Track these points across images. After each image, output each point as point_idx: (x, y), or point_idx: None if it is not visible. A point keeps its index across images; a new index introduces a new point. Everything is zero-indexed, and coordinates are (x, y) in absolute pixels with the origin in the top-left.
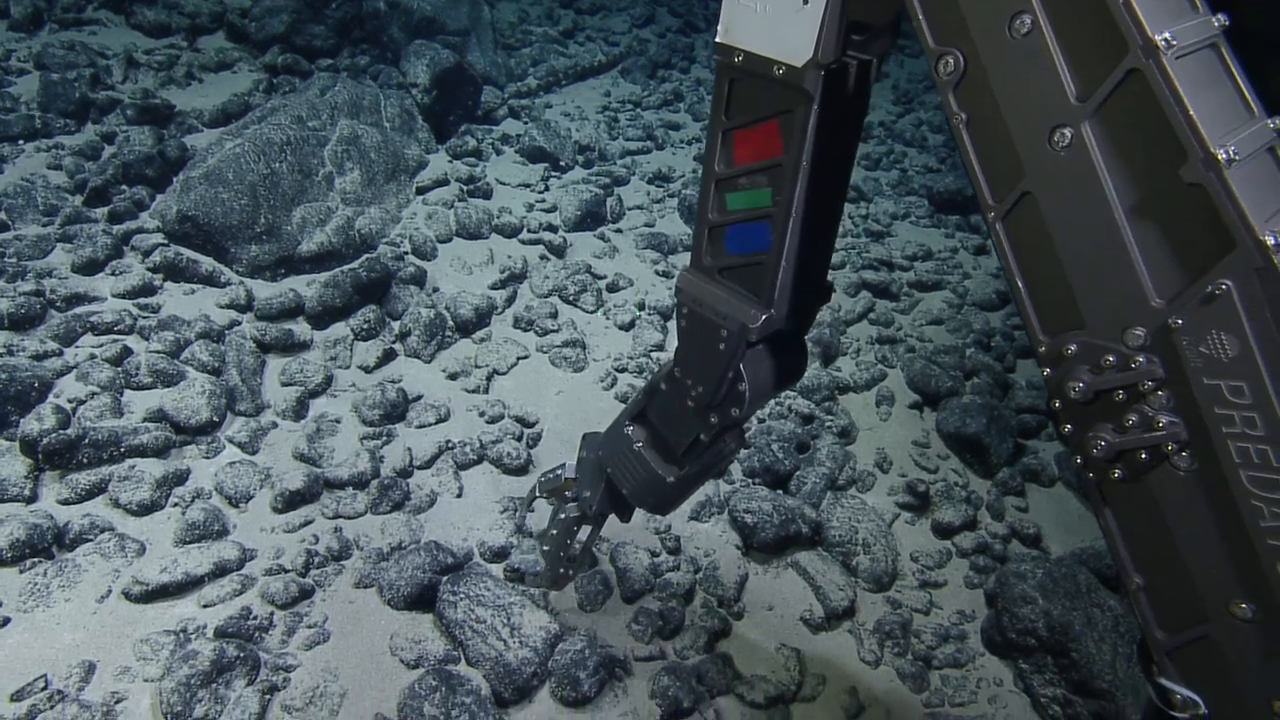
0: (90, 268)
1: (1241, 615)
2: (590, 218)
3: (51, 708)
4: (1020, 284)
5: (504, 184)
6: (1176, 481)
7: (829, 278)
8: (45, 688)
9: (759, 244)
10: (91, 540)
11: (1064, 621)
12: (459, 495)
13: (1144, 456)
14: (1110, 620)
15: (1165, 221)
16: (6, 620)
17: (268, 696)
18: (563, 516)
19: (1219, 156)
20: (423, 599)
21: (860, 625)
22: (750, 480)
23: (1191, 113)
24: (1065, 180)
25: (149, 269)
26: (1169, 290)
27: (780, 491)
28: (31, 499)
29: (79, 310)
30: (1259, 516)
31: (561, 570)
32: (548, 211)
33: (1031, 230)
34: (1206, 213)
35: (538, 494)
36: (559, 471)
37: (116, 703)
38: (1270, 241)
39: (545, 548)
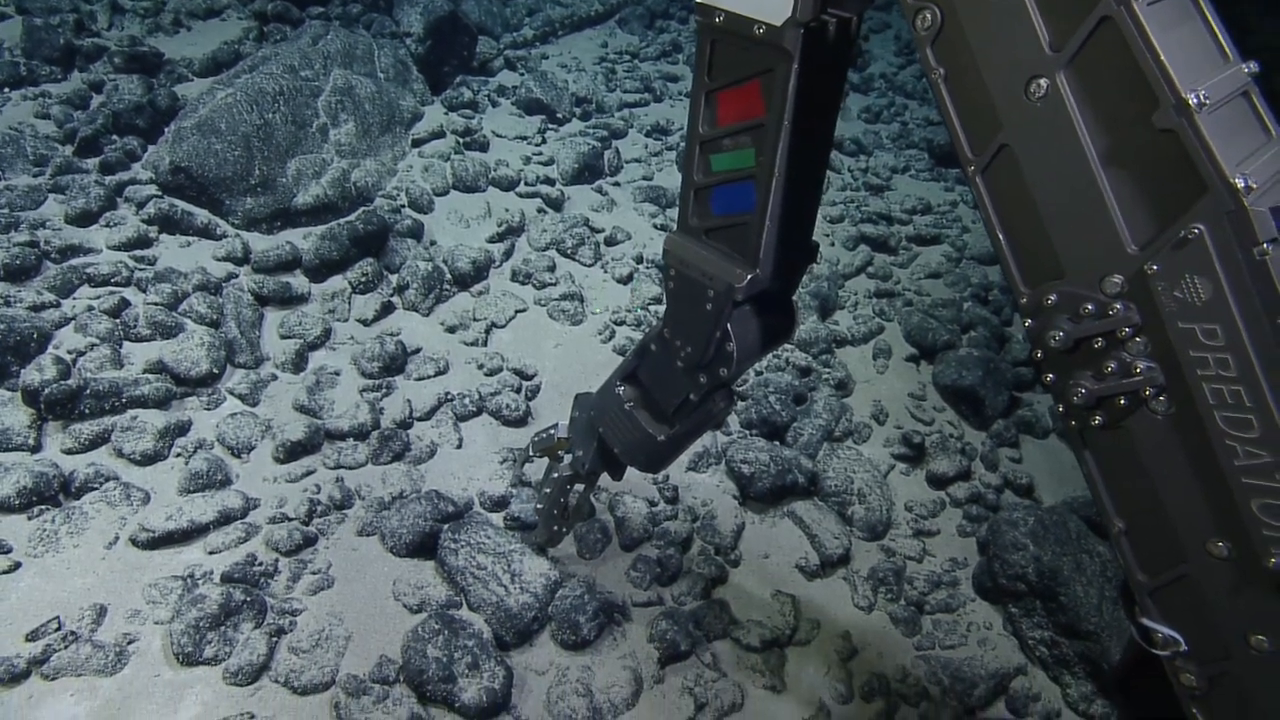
0: (84, 219)
1: (1218, 554)
2: (588, 171)
3: (65, 647)
4: (1001, 236)
5: (500, 136)
6: (1155, 426)
7: (815, 237)
8: (59, 629)
9: (743, 204)
10: (97, 489)
11: (1053, 567)
12: (459, 446)
13: (1123, 402)
14: (1098, 565)
15: (1140, 169)
16: (18, 565)
17: (275, 639)
18: (555, 475)
19: (1190, 101)
20: (424, 546)
21: (854, 572)
22: (747, 431)
23: (1163, 58)
24: (1041, 131)
25: (143, 221)
26: (1144, 237)
27: (777, 443)
28: (36, 448)
29: (75, 262)
30: (1233, 456)
31: (556, 527)
32: (545, 164)
33: (1010, 182)
34: (1179, 158)
35: (531, 454)
36: (552, 431)
37: (129, 644)
38: (1240, 185)
39: (539, 505)
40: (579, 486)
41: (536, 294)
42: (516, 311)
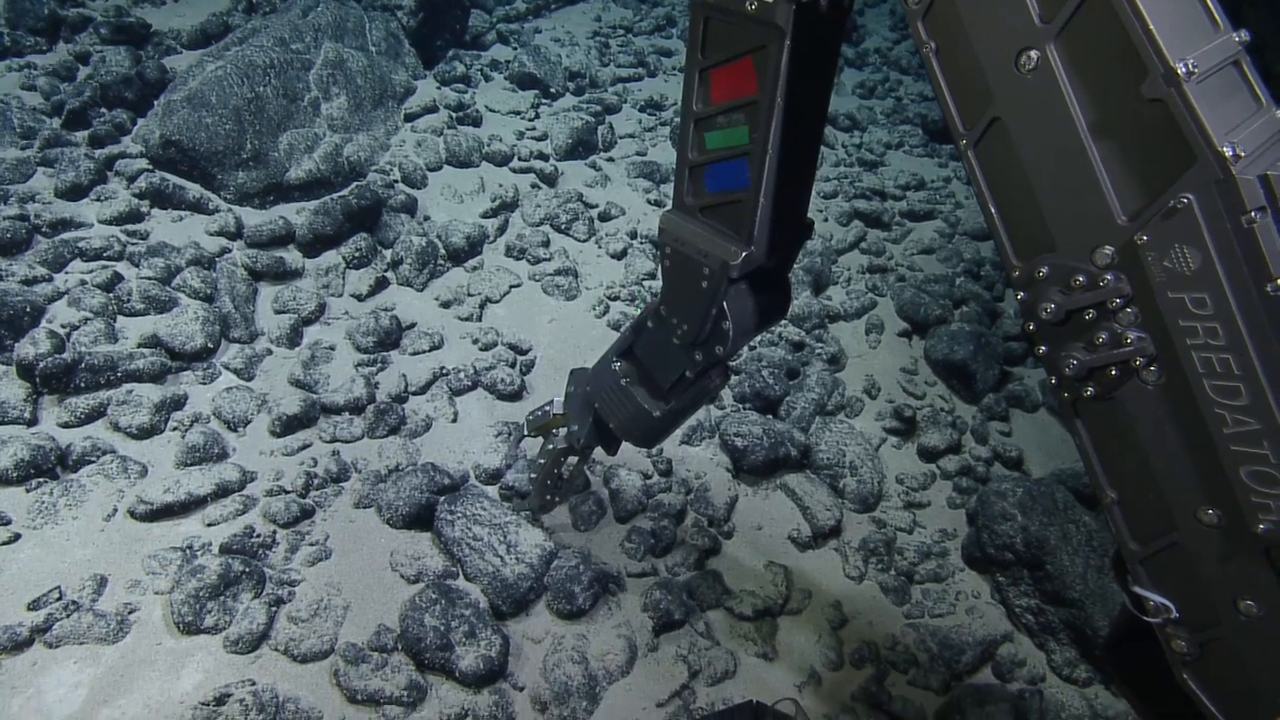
0: (74, 193)
1: (1208, 521)
2: (581, 146)
3: (67, 616)
4: (993, 210)
5: (494, 111)
6: (1145, 395)
7: (809, 213)
8: (60, 598)
9: (738, 182)
10: (94, 462)
11: (1040, 536)
12: (454, 420)
13: (1114, 373)
14: (1084, 535)
15: (1129, 139)
16: (17, 536)
17: (274, 608)
18: (550, 447)
19: (1178, 71)
20: (421, 518)
21: (846, 543)
22: (741, 405)
23: (1151, 27)
24: (1032, 103)
25: (135, 195)
26: (1134, 208)
27: (770, 416)
28: (32, 422)
29: (66, 235)
30: (1222, 424)
31: (549, 497)
32: (538, 140)
33: (1002, 156)
34: (1168, 128)
35: (526, 432)
36: (547, 408)
37: (130, 613)
38: (1229, 153)
39: (533, 475)
40: (573, 459)
41: (531, 269)
42: (511, 287)
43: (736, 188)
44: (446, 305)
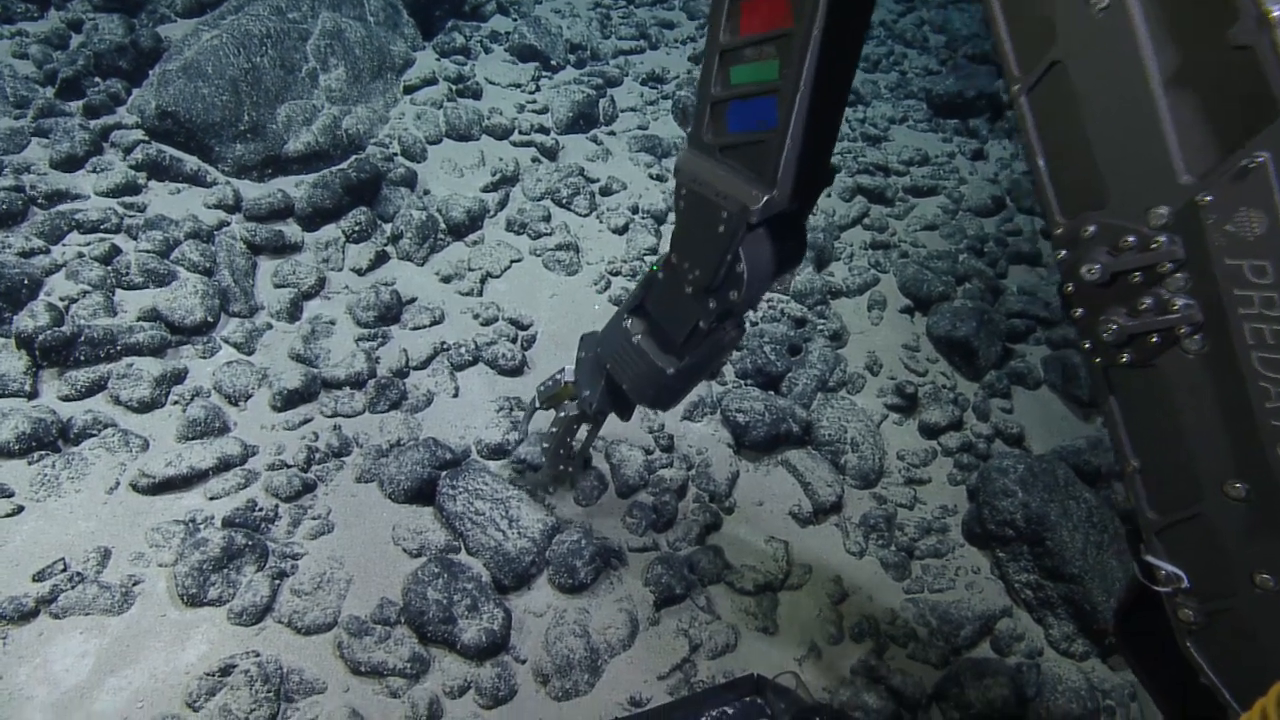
0: (70, 164)
1: (1235, 495)
2: (582, 119)
3: (72, 588)
4: (1041, 162)
5: (494, 84)
6: (1185, 365)
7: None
8: (64, 570)
9: (764, 121)
10: (96, 435)
11: (1041, 512)
12: (455, 395)
13: (1155, 340)
14: (1084, 511)
15: (1204, 90)
16: (20, 509)
17: (277, 581)
18: (562, 414)
19: (1272, 14)
20: (422, 493)
21: (846, 519)
22: (742, 381)
23: None
24: (1100, 45)
25: (131, 167)
26: (1200, 166)
27: (772, 392)
28: (32, 395)
29: (62, 207)
30: (1265, 398)
31: (561, 468)
32: (539, 113)
33: (1058, 104)
34: (1251, 79)
35: (538, 405)
36: (558, 377)
37: (134, 585)
38: None
39: (545, 445)
40: (586, 428)
41: (532, 244)
42: (512, 261)
43: (761, 127)
44: (447, 280)
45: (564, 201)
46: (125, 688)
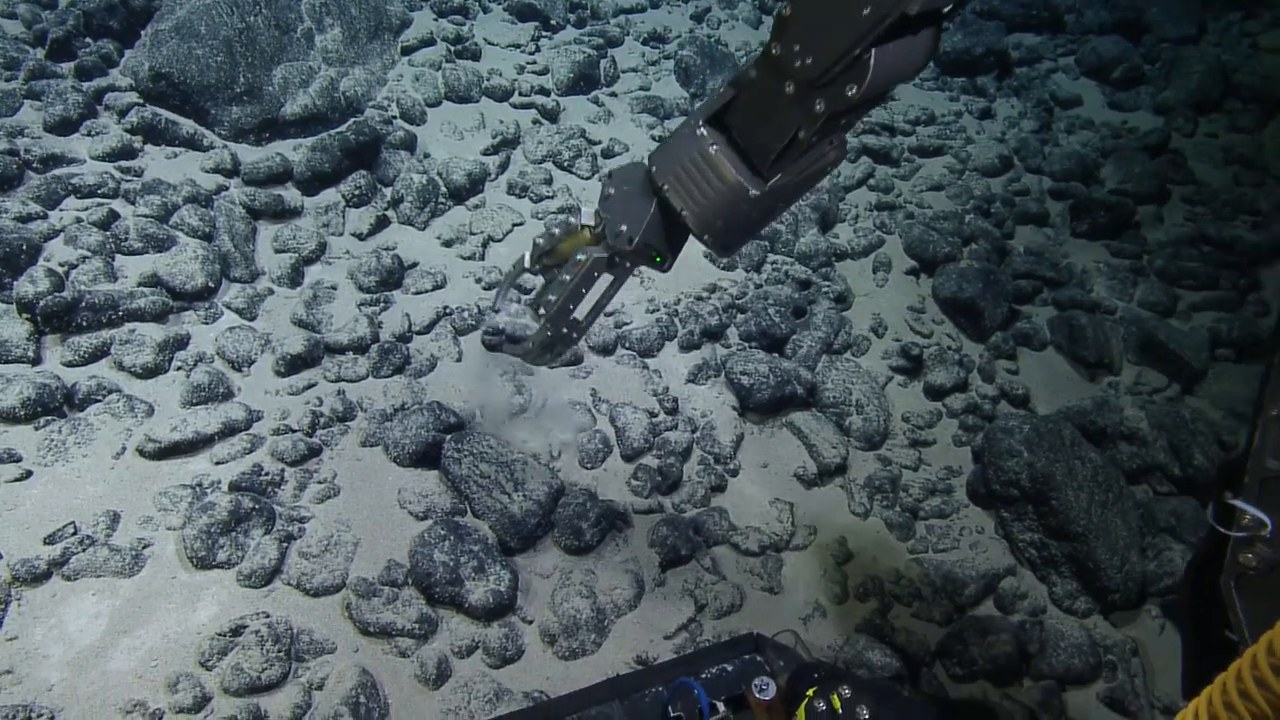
0: (64, 127)
1: None
2: (583, 80)
3: (83, 551)
4: None
5: (493, 44)
6: None
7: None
8: (75, 533)
9: None
10: (101, 400)
11: (1046, 472)
12: (458, 360)
13: None
14: (1090, 471)
15: None
16: (29, 473)
17: (285, 544)
18: (582, 257)
19: None
20: (428, 456)
21: (851, 481)
22: (747, 344)
23: None
24: None
25: (126, 130)
26: None
27: (776, 355)
28: (36, 361)
29: (58, 172)
30: None
31: (565, 331)
32: (539, 74)
33: None
34: None
35: (527, 265)
36: (572, 220)
37: (144, 548)
38: None
39: (552, 296)
40: (606, 280)
41: (533, 207)
42: (513, 225)
43: None
44: (449, 244)
45: (566, 164)
46: (139, 647)
